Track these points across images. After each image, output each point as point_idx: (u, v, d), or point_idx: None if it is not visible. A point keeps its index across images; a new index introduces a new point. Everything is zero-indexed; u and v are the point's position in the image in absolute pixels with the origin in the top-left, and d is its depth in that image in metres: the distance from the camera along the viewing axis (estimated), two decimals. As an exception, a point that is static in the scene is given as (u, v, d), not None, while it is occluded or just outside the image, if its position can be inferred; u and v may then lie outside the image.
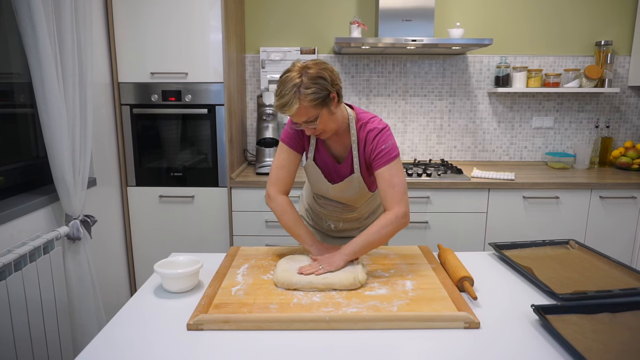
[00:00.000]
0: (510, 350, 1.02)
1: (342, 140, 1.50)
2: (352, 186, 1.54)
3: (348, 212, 1.66)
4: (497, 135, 3.09)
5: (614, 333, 1.05)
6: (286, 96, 1.29)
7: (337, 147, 1.53)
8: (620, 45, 2.98)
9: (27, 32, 1.58)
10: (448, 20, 2.93)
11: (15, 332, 1.51)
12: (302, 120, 1.35)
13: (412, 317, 1.11)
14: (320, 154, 1.54)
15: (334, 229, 1.72)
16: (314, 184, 1.62)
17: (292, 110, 1.30)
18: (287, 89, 1.30)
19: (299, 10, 2.94)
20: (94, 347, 1.03)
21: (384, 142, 1.43)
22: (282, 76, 1.33)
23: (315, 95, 1.30)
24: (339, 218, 1.68)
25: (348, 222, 1.69)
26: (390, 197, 1.39)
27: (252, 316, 1.11)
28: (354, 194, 1.57)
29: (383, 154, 1.42)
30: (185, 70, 2.44)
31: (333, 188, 1.56)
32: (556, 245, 1.63)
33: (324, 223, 1.73)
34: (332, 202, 1.65)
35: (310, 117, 1.34)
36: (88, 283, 1.93)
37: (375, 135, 1.44)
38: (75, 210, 1.86)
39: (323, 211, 1.69)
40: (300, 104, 1.30)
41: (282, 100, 1.31)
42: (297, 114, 1.33)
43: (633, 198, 2.52)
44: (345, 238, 1.73)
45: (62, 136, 1.73)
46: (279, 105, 1.32)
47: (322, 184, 1.58)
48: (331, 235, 1.77)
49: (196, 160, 2.56)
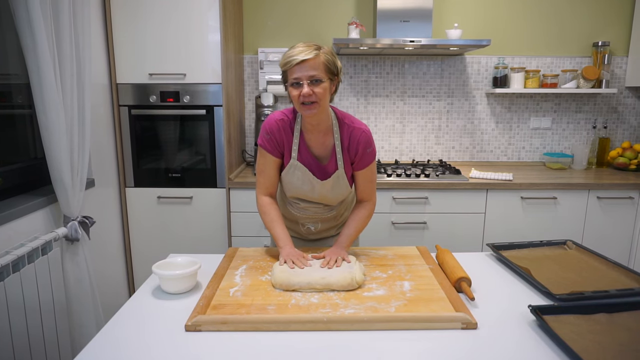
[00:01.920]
0: (507, 351, 1.02)
1: (324, 139, 1.53)
2: (338, 183, 1.56)
3: (327, 212, 1.65)
4: (495, 135, 3.10)
5: (611, 333, 1.06)
6: (308, 47, 1.38)
7: (320, 147, 1.54)
8: (618, 46, 2.98)
9: (25, 32, 1.58)
10: (446, 21, 2.94)
11: (14, 334, 1.51)
12: (312, 72, 1.38)
13: (410, 318, 1.11)
14: (303, 155, 1.54)
15: (313, 231, 1.70)
16: (297, 187, 1.57)
17: (311, 54, 1.36)
18: (307, 44, 1.40)
19: (297, 11, 2.94)
20: (93, 348, 1.04)
21: (368, 145, 1.53)
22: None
23: (330, 61, 1.41)
24: (318, 219, 1.67)
25: (326, 222, 1.68)
26: (369, 190, 1.59)
27: (250, 317, 1.11)
28: (338, 191, 1.58)
29: (367, 156, 1.53)
30: (184, 71, 2.44)
31: (322, 185, 1.55)
32: (554, 246, 1.64)
33: (302, 228, 1.70)
34: (312, 204, 1.62)
35: (318, 75, 1.38)
36: (86, 284, 1.93)
37: (360, 137, 1.51)
38: (74, 211, 1.86)
39: (302, 215, 1.66)
40: (318, 57, 1.38)
41: (301, 48, 1.38)
42: (310, 65, 1.37)
43: (630, 198, 2.53)
44: (323, 240, 1.75)
45: (60, 137, 1.73)
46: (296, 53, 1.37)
47: (307, 184, 1.55)
48: (309, 238, 1.74)
49: (194, 161, 2.56)
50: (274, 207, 1.56)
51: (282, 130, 1.52)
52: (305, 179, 1.55)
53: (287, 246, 1.46)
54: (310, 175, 1.54)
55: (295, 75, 1.38)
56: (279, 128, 1.52)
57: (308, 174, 1.54)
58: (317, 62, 1.38)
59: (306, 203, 1.63)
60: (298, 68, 1.37)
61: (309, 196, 1.59)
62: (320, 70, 1.38)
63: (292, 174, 1.55)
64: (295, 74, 1.38)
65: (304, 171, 1.54)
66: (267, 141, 1.53)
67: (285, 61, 1.39)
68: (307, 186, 1.56)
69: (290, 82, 1.40)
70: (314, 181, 1.54)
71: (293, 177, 1.56)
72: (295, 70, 1.38)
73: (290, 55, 1.38)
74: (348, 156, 1.53)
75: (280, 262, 1.39)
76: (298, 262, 1.38)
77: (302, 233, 1.72)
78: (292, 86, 1.40)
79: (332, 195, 1.58)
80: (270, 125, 1.53)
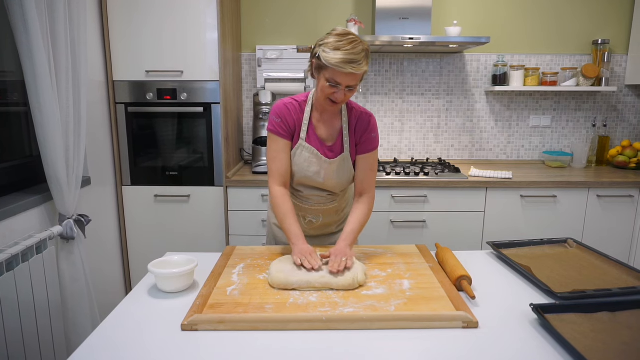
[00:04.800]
0: (509, 350, 1.00)
1: (332, 121, 1.56)
2: (343, 165, 1.56)
3: (329, 202, 1.64)
4: (494, 134, 3.09)
5: (613, 332, 1.04)
6: (357, 55, 1.34)
7: (327, 129, 1.56)
8: (618, 44, 2.97)
9: (19, 28, 1.56)
10: (445, 19, 2.92)
11: (8, 333, 1.49)
12: (350, 83, 1.38)
13: (410, 317, 1.09)
14: (311, 137, 1.55)
15: (315, 224, 1.67)
16: (304, 169, 1.56)
17: (359, 69, 1.35)
18: (357, 50, 1.34)
19: (296, 8, 2.92)
20: (88, 347, 1.02)
21: (373, 130, 1.56)
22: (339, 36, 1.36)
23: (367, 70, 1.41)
24: (320, 211, 1.65)
25: (328, 215, 1.67)
26: (370, 180, 1.57)
27: (247, 316, 1.09)
28: (343, 174, 1.58)
29: (372, 140, 1.56)
30: (181, 69, 2.42)
31: (329, 165, 1.54)
32: (554, 244, 1.63)
33: (303, 221, 1.66)
34: (316, 191, 1.62)
35: (355, 84, 1.40)
36: (82, 283, 1.91)
37: (366, 120, 1.55)
38: (69, 209, 1.84)
39: (304, 205, 1.64)
40: (366, 69, 1.38)
41: (352, 57, 1.33)
42: (354, 77, 1.37)
43: (630, 197, 2.52)
44: (323, 236, 1.73)
45: (55, 134, 1.71)
46: (348, 61, 1.32)
47: (314, 166, 1.54)
48: (309, 233, 1.70)
49: (192, 160, 2.54)
50: (287, 199, 1.51)
51: (292, 113, 1.53)
52: (312, 160, 1.54)
53: (300, 242, 1.41)
54: (317, 154, 1.54)
55: (336, 79, 1.37)
56: (289, 111, 1.53)
57: (316, 153, 1.54)
58: (361, 74, 1.39)
59: (310, 190, 1.62)
60: (343, 75, 1.36)
61: (314, 180, 1.57)
62: (359, 79, 1.40)
63: (300, 155, 1.55)
64: (337, 79, 1.37)
65: (311, 151, 1.54)
66: (277, 125, 1.52)
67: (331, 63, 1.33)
68: (315, 167, 1.55)
69: (328, 79, 1.38)
70: (321, 161, 1.54)
71: (300, 159, 1.55)
72: (338, 75, 1.36)
73: (338, 60, 1.33)
74: (354, 139, 1.56)
75: (295, 260, 1.33)
76: (311, 260, 1.32)
77: (303, 227, 1.69)
78: (329, 83, 1.39)
79: (336, 177, 1.57)
80: (280, 109, 1.53)
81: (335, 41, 1.34)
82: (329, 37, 1.37)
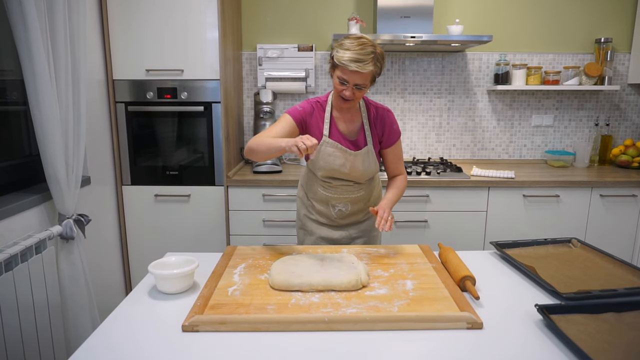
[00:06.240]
0: (514, 351, 0.99)
1: (353, 117, 1.66)
2: (368, 158, 1.65)
3: (357, 190, 1.72)
4: (496, 133, 3.07)
5: (619, 333, 1.03)
6: (363, 55, 1.44)
7: (349, 125, 1.66)
8: (620, 43, 2.96)
9: (18, 25, 1.55)
10: (447, 17, 2.91)
11: (6, 333, 1.48)
12: (357, 82, 1.48)
13: (414, 318, 1.08)
14: (333, 134, 1.64)
15: (345, 212, 1.74)
16: (330, 163, 1.63)
17: (365, 68, 1.44)
18: (365, 51, 1.45)
19: (297, 6, 2.91)
20: (87, 348, 1.01)
21: (393, 122, 1.68)
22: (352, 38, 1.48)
23: (377, 71, 1.51)
24: (348, 199, 1.72)
25: (356, 203, 1.74)
26: (400, 166, 1.74)
27: (248, 317, 1.08)
28: (368, 166, 1.66)
29: (394, 132, 1.68)
30: (181, 67, 2.40)
31: (354, 156, 1.63)
32: (558, 244, 1.61)
33: (333, 210, 1.74)
34: (343, 182, 1.69)
35: (363, 84, 1.49)
36: (82, 283, 1.90)
37: (385, 115, 1.66)
38: (69, 209, 1.82)
39: (333, 195, 1.71)
40: (372, 69, 1.47)
41: (358, 56, 1.43)
42: (360, 75, 1.46)
43: (633, 196, 2.50)
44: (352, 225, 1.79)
45: (54, 133, 1.70)
46: (353, 59, 1.43)
47: (340, 159, 1.63)
48: (338, 223, 1.78)
49: (192, 159, 2.53)
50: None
51: (316, 111, 1.64)
52: (337, 154, 1.63)
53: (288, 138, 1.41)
54: (342, 149, 1.63)
55: (344, 76, 1.49)
56: (312, 108, 1.64)
57: (340, 147, 1.63)
58: (369, 73, 1.48)
59: (337, 181, 1.69)
60: (349, 73, 1.47)
61: (341, 171, 1.65)
62: (367, 79, 1.49)
63: (324, 151, 1.63)
64: (345, 76, 1.48)
65: (335, 145, 1.63)
66: (295, 110, 1.61)
67: (340, 61, 1.45)
68: (340, 160, 1.63)
69: (339, 76, 1.50)
70: (346, 153, 1.63)
71: (325, 154, 1.63)
72: (346, 72, 1.47)
73: (345, 58, 1.44)
74: (375, 133, 1.66)
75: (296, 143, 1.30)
76: (305, 140, 1.29)
77: (332, 217, 1.76)
78: (339, 80, 1.50)
79: (362, 168, 1.66)
80: (305, 104, 1.64)
81: (347, 42, 1.48)
82: (345, 39, 1.50)
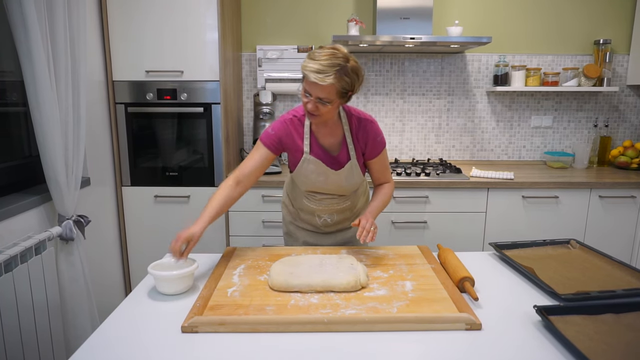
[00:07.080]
0: (512, 352, 0.99)
1: (333, 131, 1.56)
2: (352, 172, 1.59)
3: (342, 202, 1.68)
4: (495, 134, 3.08)
5: (618, 334, 1.03)
6: (326, 66, 1.33)
7: (329, 139, 1.57)
8: (619, 44, 2.96)
9: (18, 26, 1.55)
10: (446, 19, 2.91)
11: (6, 334, 1.48)
12: (319, 95, 1.37)
13: (413, 319, 1.08)
14: (314, 149, 1.57)
15: (330, 223, 1.71)
16: (312, 180, 1.60)
17: (324, 81, 1.33)
18: (329, 62, 1.34)
19: (296, 8, 2.91)
20: (87, 349, 1.01)
21: (377, 133, 1.57)
22: (325, 49, 1.37)
23: (345, 86, 1.38)
24: (334, 210, 1.68)
25: (342, 212, 1.71)
26: (387, 174, 1.66)
27: (248, 318, 1.08)
28: (352, 180, 1.61)
29: (378, 145, 1.58)
30: (181, 69, 2.40)
31: (336, 175, 1.57)
32: (557, 245, 1.61)
33: (319, 220, 1.71)
34: (327, 196, 1.65)
35: (326, 98, 1.38)
36: (81, 284, 1.90)
37: (368, 127, 1.56)
38: (68, 210, 1.83)
39: (318, 207, 1.68)
40: (333, 83, 1.35)
41: (320, 67, 1.33)
42: (321, 88, 1.36)
43: (632, 197, 2.51)
44: (339, 232, 1.76)
45: (54, 135, 1.70)
46: (314, 70, 1.33)
47: (321, 176, 1.58)
48: (325, 231, 1.75)
49: (192, 160, 2.53)
50: (223, 191, 1.49)
51: (292, 128, 1.56)
52: (319, 171, 1.58)
53: (194, 227, 1.36)
54: (324, 167, 1.57)
55: (306, 87, 1.40)
56: (287, 127, 1.56)
57: (322, 165, 1.57)
58: (330, 87, 1.36)
59: (322, 195, 1.66)
60: (310, 84, 1.37)
61: (324, 188, 1.62)
62: (330, 93, 1.37)
63: (306, 168, 1.58)
64: (307, 86, 1.39)
65: (317, 164, 1.57)
66: (268, 137, 1.56)
67: (303, 70, 1.37)
68: (322, 177, 1.59)
69: (303, 87, 1.42)
70: (328, 172, 1.57)
71: (307, 171, 1.58)
72: (308, 83, 1.38)
73: (308, 68, 1.35)
74: (359, 145, 1.57)
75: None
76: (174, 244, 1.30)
77: (318, 225, 1.73)
78: (304, 92, 1.42)
79: (346, 184, 1.61)
80: (279, 125, 1.57)
81: (318, 51, 1.38)
82: (320, 47, 1.40)
